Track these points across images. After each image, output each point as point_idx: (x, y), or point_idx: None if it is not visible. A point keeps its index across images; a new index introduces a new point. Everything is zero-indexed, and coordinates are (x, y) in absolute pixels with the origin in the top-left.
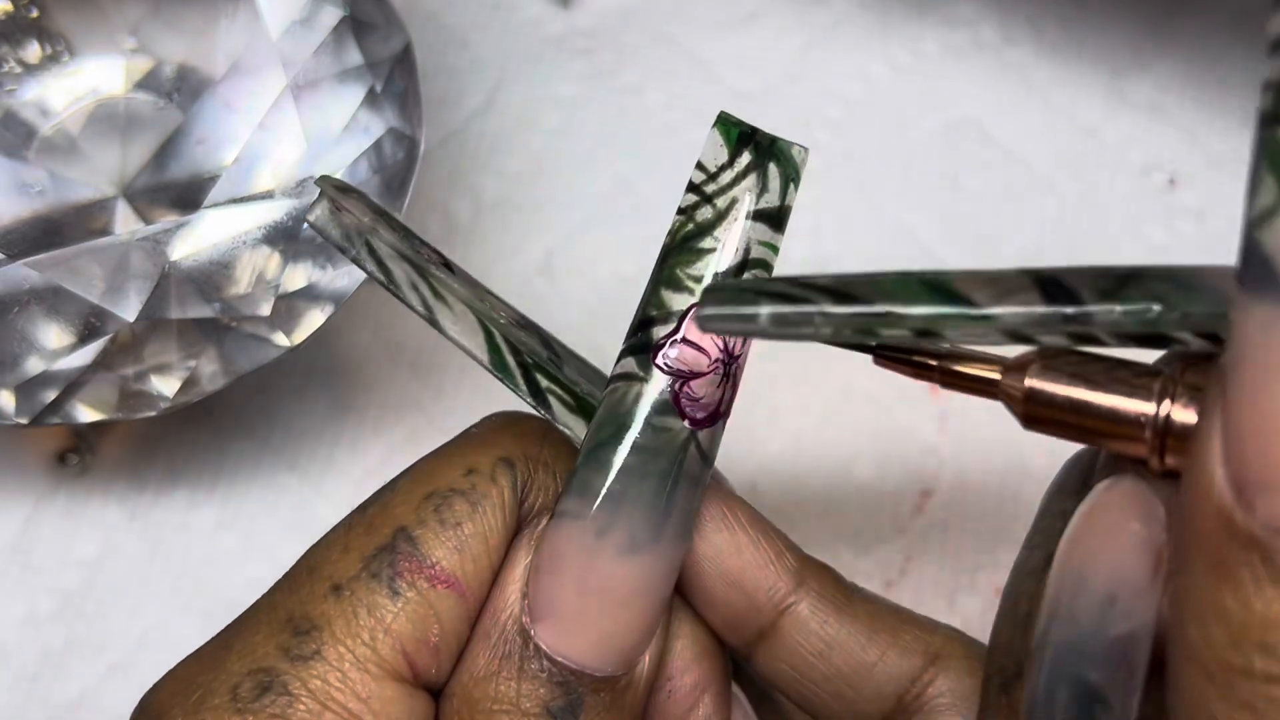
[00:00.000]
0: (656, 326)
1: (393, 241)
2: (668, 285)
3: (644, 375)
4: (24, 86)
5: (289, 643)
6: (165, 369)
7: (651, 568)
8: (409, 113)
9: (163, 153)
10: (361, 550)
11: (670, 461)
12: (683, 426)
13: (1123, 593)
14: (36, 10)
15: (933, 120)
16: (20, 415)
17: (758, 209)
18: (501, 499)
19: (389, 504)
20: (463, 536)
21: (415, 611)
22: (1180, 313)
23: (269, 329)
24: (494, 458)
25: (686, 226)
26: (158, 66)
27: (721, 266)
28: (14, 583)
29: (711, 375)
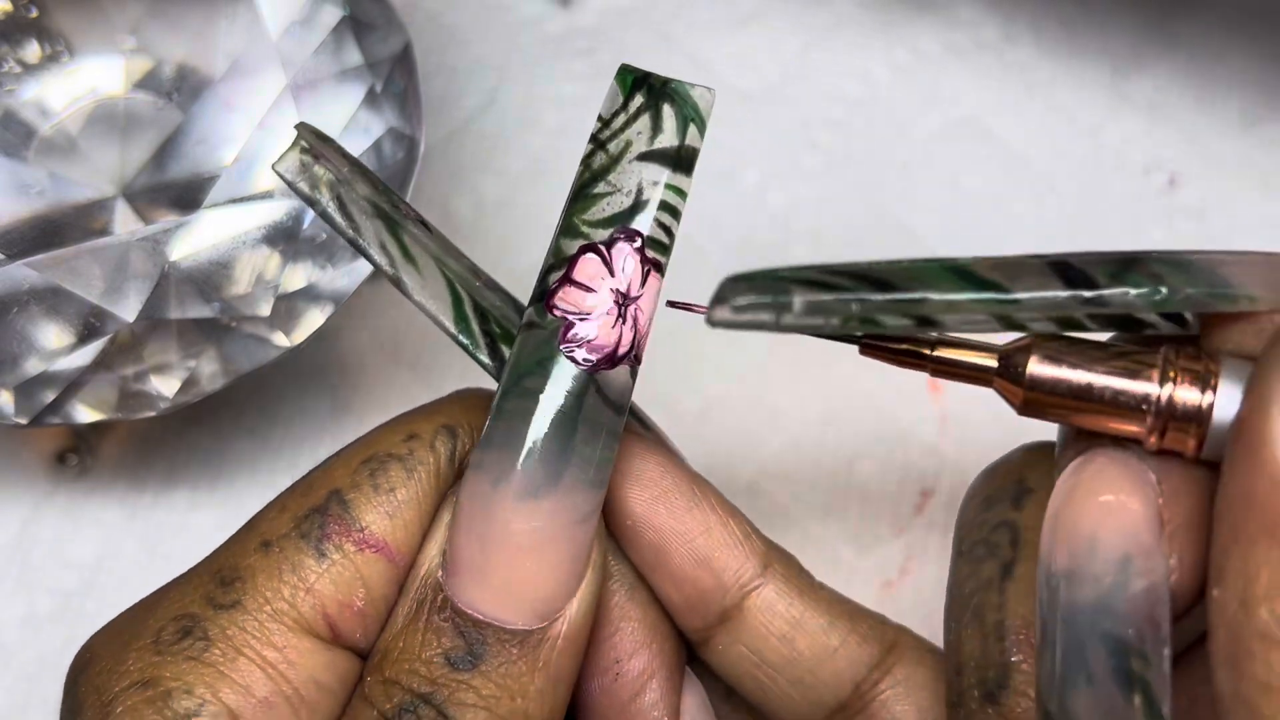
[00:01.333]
0: (553, 273)
1: (369, 196)
2: (565, 234)
3: (540, 322)
4: (23, 86)
5: (214, 592)
6: (165, 369)
7: (552, 514)
8: (409, 112)
9: (162, 153)
10: (295, 510)
11: (567, 406)
12: (578, 371)
13: (1136, 552)
14: (36, 10)
15: (933, 120)
16: (20, 415)
17: (651, 149)
18: (437, 465)
19: (330, 468)
20: (395, 502)
21: (340, 574)
22: (1183, 294)
23: (269, 329)
24: (436, 425)
25: (584, 175)
26: (157, 66)
27: (619, 208)
28: (13, 583)
29: (605, 316)
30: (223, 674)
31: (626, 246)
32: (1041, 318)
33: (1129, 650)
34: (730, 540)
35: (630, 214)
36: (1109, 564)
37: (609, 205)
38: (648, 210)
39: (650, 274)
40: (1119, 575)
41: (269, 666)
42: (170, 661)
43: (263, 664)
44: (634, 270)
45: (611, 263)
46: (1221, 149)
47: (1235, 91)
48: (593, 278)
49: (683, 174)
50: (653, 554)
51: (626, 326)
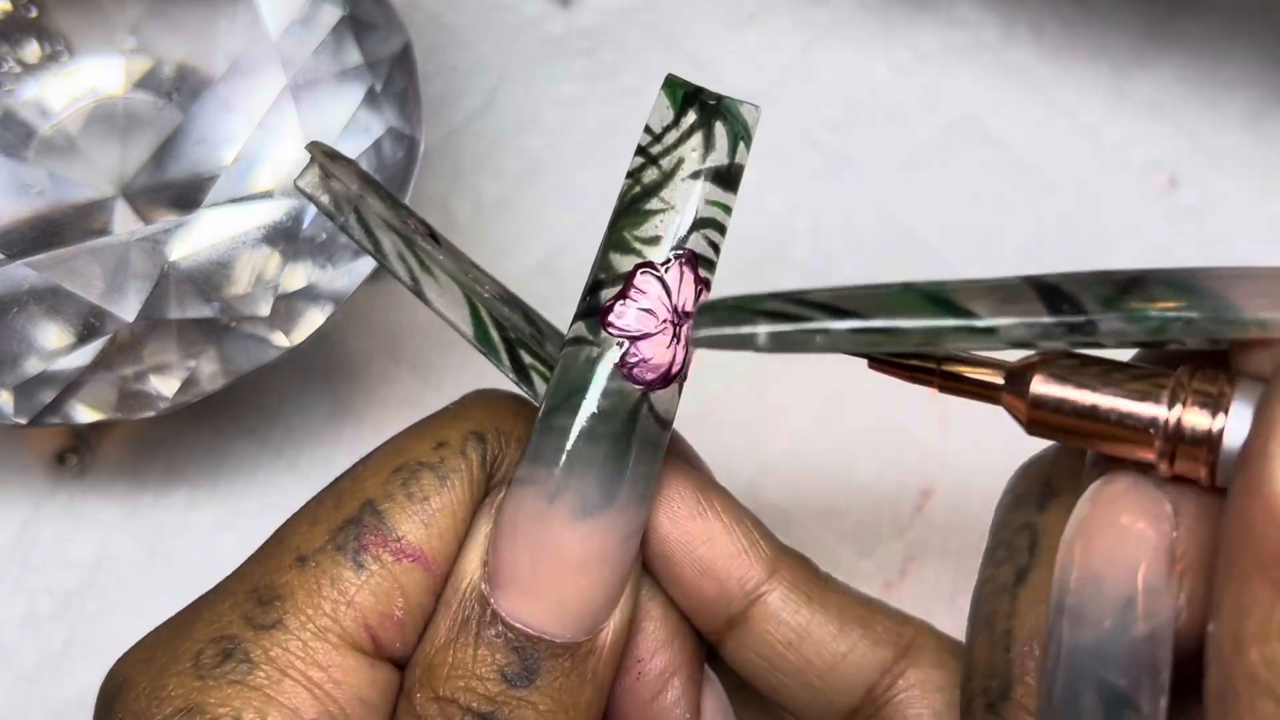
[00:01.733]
0: (605, 290)
1: (381, 211)
2: (615, 248)
3: (593, 339)
4: (23, 86)
5: (252, 612)
6: (165, 369)
7: (606, 532)
8: (409, 112)
9: (162, 152)
10: (329, 523)
11: (622, 424)
12: (633, 389)
13: (1142, 593)
14: (35, 10)
15: (933, 120)
16: (19, 415)
17: (705, 167)
18: (470, 473)
19: (359, 477)
20: (429, 511)
21: (379, 585)
22: (1184, 319)
23: (268, 329)
24: (465, 431)
25: (634, 189)
26: (157, 66)
27: (672, 226)
28: (13, 583)
29: (660, 335)
30: (269, 697)
31: (681, 266)
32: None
33: (1122, 702)
34: (735, 548)
35: (686, 233)
36: (1112, 606)
37: (662, 223)
38: (699, 229)
39: (701, 292)
40: (1120, 619)
41: (315, 686)
42: (214, 687)
43: (309, 684)
44: (688, 289)
45: (668, 283)
46: (1222, 148)
47: (1236, 91)
48: (651, 299)
49: (730, 192)
50: (659, 562)
51: (680, 345)
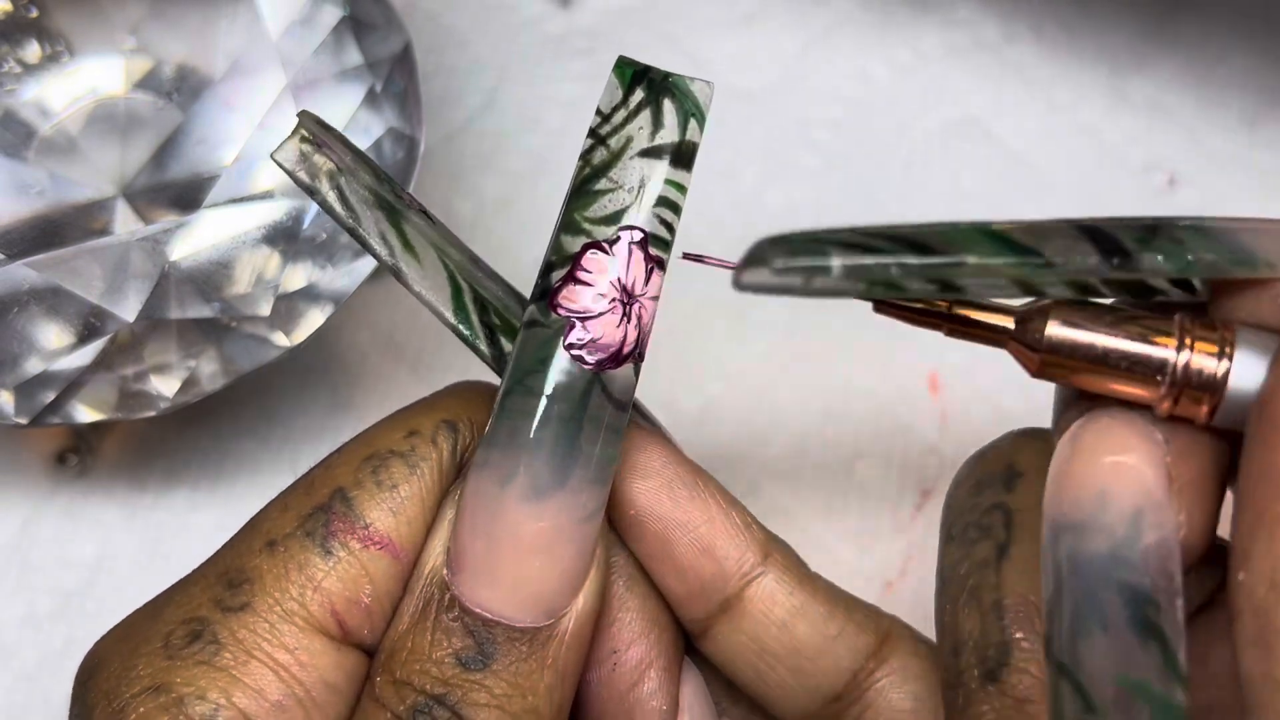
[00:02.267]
0: (555, 271)
1: (371, 185)
2: (566, 230)
3: (544, 320)
4: (24, 86)
5: (222, 594)
6: (165, 369)
7: (559, 514)
8: (409, 112)
9: (162, 153)
10: (299, 509)
11: (573, 406)
12: (582, 370)
13: (1147, 506)
14: (36, 10)
15: (933, 120)
16: (20, 415)
17: (653, 145)
18: (440, 461)
19: (331, 465)
20: (399, 499)
21: (346, 571)
22: (1206, 260)
23: (269, 329)
24: (436, 420)
25: (584, 171)
26: (157, 66)
27: (620, 205)
28: (13, 583)
29: (609, 315)
30: (235, 678)
31: (630, 244)
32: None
33: (1144, 599)
34: (732, 529)
35: (632, 211)
36: (1122, 516)
37: (611, 202)
38: (650, 207)
39: (653, 271)
40: (1132, 527)
41: (281, 669)
42: (181, 666)
43: (274, 666)
44: (638, 268)
45: (615, 260)
46: (1222, 149)
47: (1235, 91)
48: (596, 276)
49: (683, 169)
50: (657, 544)
51: (630, 325)
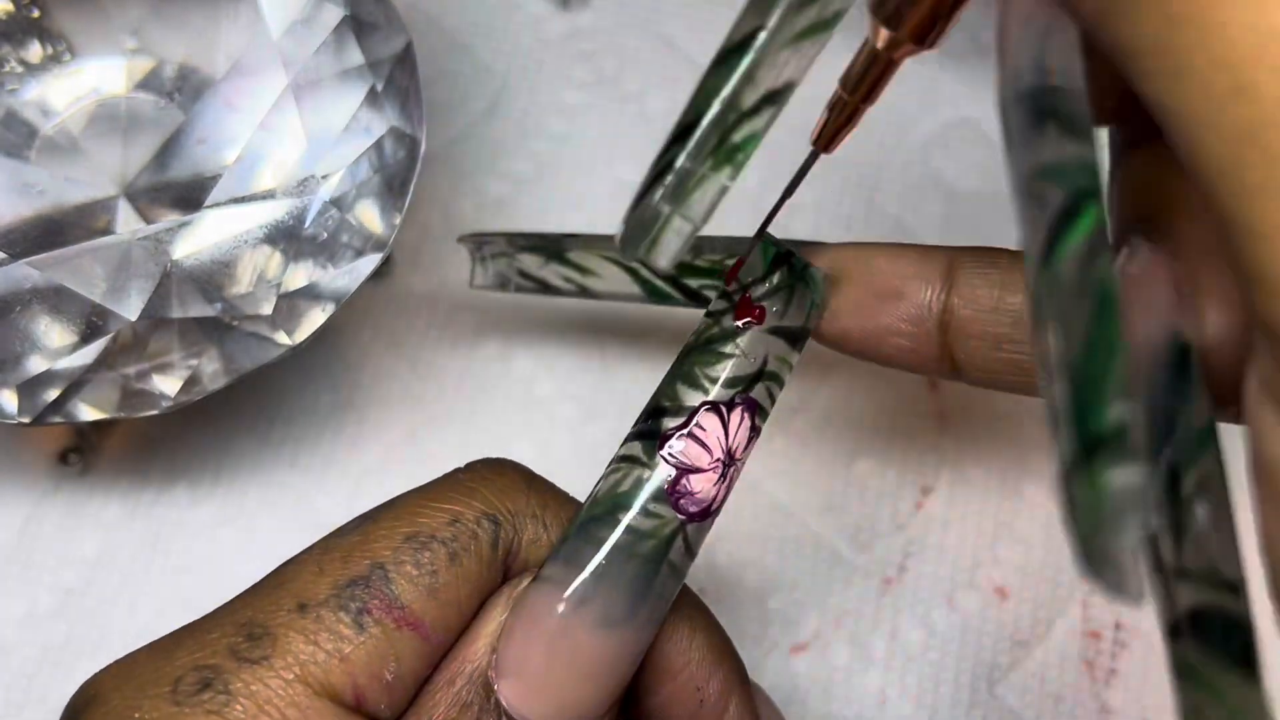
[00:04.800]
0: (666, 418)
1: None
2: (684, 381)
3: (647, 461)
4: (25, 86)
5: (240, 645)
6: (167, 368)
7: (622, 646)
8: (410, 112)
9: (164, 152)
10: (335, 576)
11: (657, 548)
12: (675, 517)
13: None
14: (38, 10)
15: (931, 122)
16: (22, 414)
17: (780, 325)
18: (480, 553)
19: (369, 536)
20: (437, 583)
21: (375, 647)
22: None
23: (270, 328)
24: (479, 511)
25: (711, 329)
26: (159, 66)
27: (740, 372)
28: (15, 581)
29: (710, 473)
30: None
31: (744, 412)
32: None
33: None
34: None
35: (752, 382)
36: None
37: (735, 368)
38: (766, 381)
39: (753, 440)
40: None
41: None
42: (189, 714)
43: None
44: (743, 434)
45: (728, 424)
46: None
47: None
48: (710, 436)
49: (797, 351)
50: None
51: (724, 485)
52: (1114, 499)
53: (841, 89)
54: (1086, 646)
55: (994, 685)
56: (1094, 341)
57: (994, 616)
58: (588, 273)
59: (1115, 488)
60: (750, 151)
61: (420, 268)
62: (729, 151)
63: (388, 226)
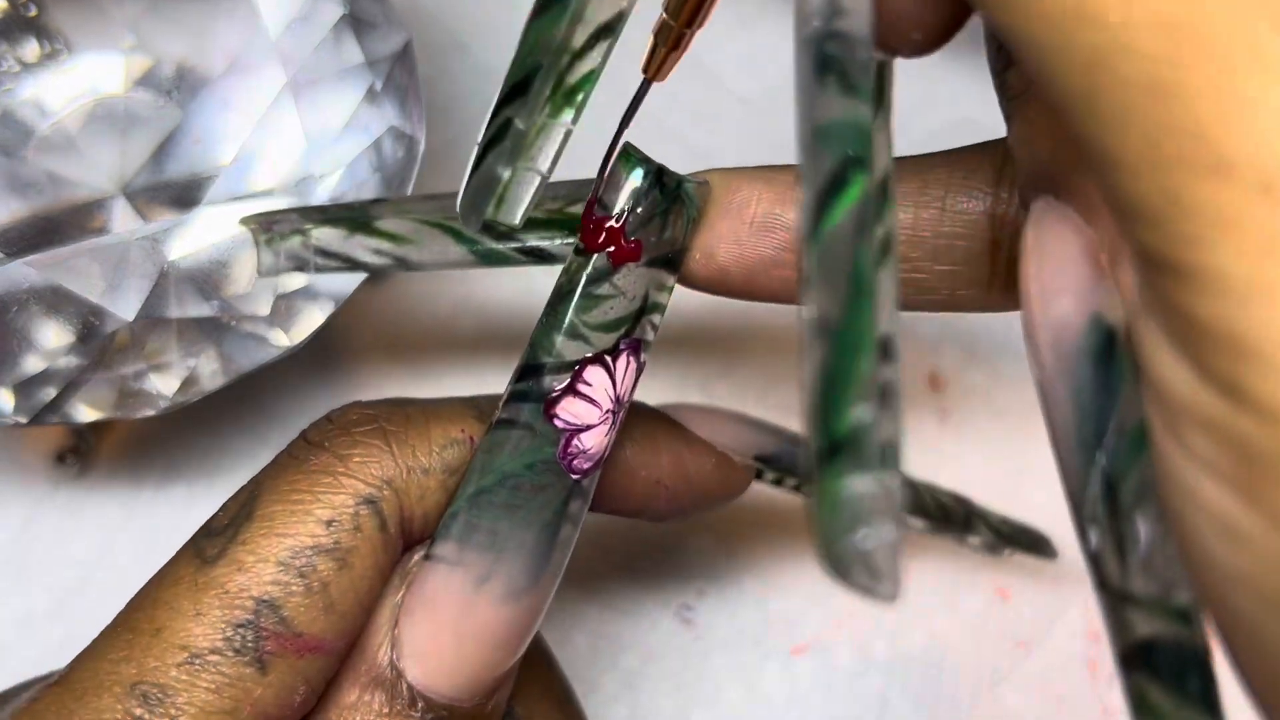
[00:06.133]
0: (547, 376)
1: (327, 218)
2: (563, 332)
3: (534, 425)
4: (22, 85)
5: (137, 710)
6: (164, 368)
7: (529, 610)
8: (409, 111)
9: (162, 151)
10: (217, 619)
11: (553, 511)
12: (569, 478)
13: None
14: (35, 8)
15: (932, 121)
16: (19, 414)
17: (658, 254)
18: (371, 544)
19: (242, 565)
20: (330, 597)
21: (282, 681)
22: None
23: (268, 328)
24: (353, 498)
25: (584, 269)
26: (156, 65)
27: (623, 313)
28: (12, 582)
29: (601, 426)
30: None
31: (629, 355)
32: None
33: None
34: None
35: (635, 320)
36: None
37: (613, 309)
38: (648, 314)
39: (638, 378)
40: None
41: None
42: None
43: None
44: (630, 377)
45: (614, 373)
46: None
47: None
48: (598, 390)
49: (674, 273)
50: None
51: (613, 430)
52: (849, 506)
53: (665, 14)
54: (1088, 647)
55: (995, 686)
56: (842, 336)
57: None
58: (402, 241)
59: (851, 494)
60: (589, 89)
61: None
62: (566, 94)
63: None
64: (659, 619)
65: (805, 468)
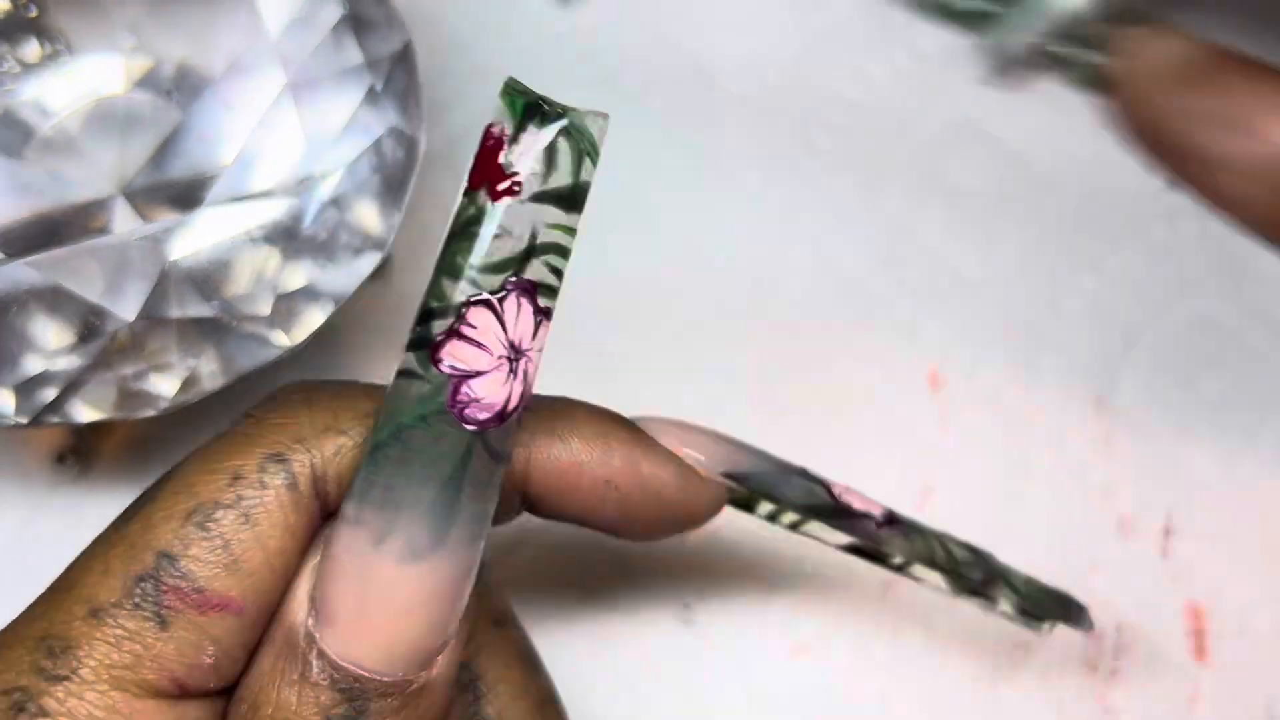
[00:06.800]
0: (436, 320)
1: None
2: (447, 274)
3: (422, 373)
4: (22, 85)
5: (43, 662)
6: (165, 368)
7: (435, 574)
8: (409, 112)
9: (162, 152)
10: (122, 574)
11: (452, 466)
12: (463, 429)
13: None
14: (35, 9)
15: (932, 121)
16: (19, 415)
17: (545, 189)
18: (278, 501)
19: (150, 521)
20: (234, 555)
21: (185, 638)
22: None
23: (269, 328)
24: (259, 457)
25: (468, 209)
26: (157, 65)
27: (510, 253)
28: (12, 583)
29: (495, 373)
30: None
31: (520, 298)
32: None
33: None
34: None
35: (523, 260)
36: None
37: (499, 248)
38: (541, 256)
39: (541, 323)
40: None
41: None
42: None
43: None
44: (526, 322)
45: (503, 316)
46: None
47: None
48: (484, 333)
49: (575, 213)
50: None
51: (517, 381)
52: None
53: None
54: (1088, 648)
55: (996, 687)
56: None
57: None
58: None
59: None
60: None
61: (420, 268)
62: None
63: (387, 226)
64: (659, 619)
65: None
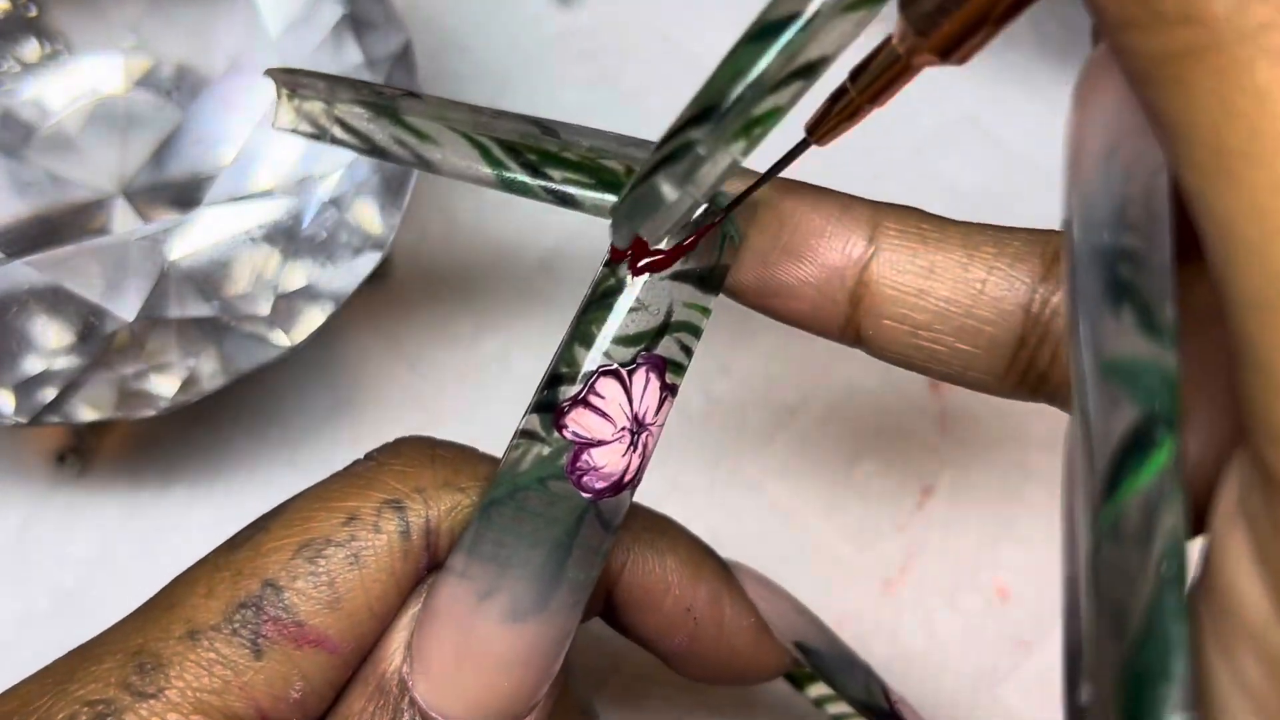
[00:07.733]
0: (564, 385)
1: (357, 99)
2: (581, 342)
3: (545, 436)
4: (23, 85)
5: (132, 677)
6: (164, 368)
7: (535, 637)
8: None
9: (162, 151)
10: (225, 598)
11: (564, 531)
12: (580, 496)
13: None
14: (35, 9)
15: (932, 119)
16: (19, 415)
17: (685, 269)
18: (389, 547)
19: (260, 549)
20: (338, 593)
21: (276, 670)
22: None
23: (268, 328)
24: (377, 502)
25: (607, 280)
26: (157, 65)
27: (645, 327)
28: (12, 582)
29: (615, 444)
30: None
31: (650, 372)
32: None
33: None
34: (824, 221)
35: (656, 337)
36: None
37: (634, 322)
38: (674, 333)
39: (665, 400)
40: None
41: None
42: None
43: None
44: (652, 397)
45: (631, 389)
46: None
47: None
48: (611, 404)
49: (712, 293)
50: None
51: (635, 453)
52: None
53: (849, 82)
54: None
55: (995, 687)
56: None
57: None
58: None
59: None
60: (770, 126)
61: (419, 268)
62: (746, 126)
63: (386, 226)
64: None
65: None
